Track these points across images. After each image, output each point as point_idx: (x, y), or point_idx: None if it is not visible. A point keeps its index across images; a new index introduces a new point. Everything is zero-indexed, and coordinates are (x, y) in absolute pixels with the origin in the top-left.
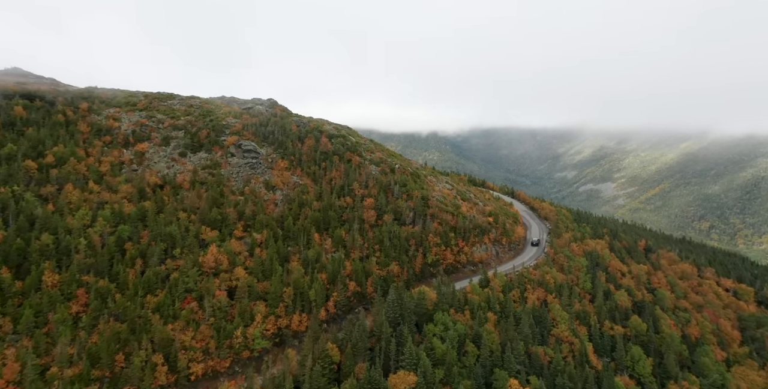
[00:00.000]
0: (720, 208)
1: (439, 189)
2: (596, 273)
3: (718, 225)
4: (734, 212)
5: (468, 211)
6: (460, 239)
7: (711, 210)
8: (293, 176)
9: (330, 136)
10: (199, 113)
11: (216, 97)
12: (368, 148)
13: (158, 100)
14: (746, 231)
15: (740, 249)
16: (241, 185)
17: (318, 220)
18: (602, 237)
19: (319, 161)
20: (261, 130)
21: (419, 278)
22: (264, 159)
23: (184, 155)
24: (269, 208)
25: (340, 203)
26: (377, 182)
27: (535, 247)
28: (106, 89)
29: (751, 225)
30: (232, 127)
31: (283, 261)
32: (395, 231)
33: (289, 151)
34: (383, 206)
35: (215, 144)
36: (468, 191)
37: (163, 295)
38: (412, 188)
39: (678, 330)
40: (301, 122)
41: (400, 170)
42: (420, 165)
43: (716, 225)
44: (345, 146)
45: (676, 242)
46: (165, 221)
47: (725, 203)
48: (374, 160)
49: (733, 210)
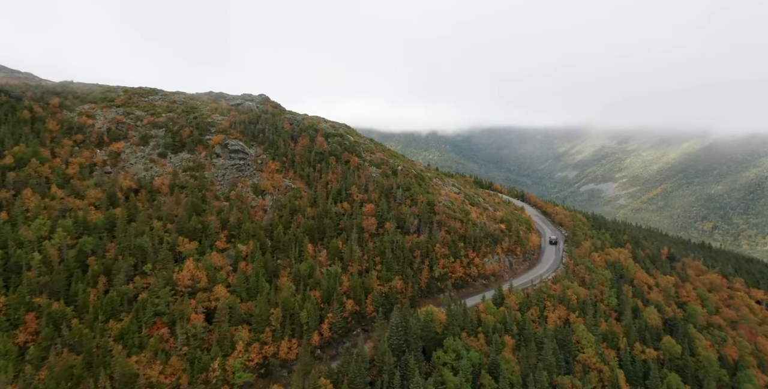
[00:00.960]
0: (723, 208)
1: (446, 193)
2: (621, 287)
3: (721, 226)
4: (737, 213)
5: (478, 217)
6: (470, 249)
7: (714, 210)
8: (285, 179)
9: (326, 135)
10: (182, 109)
11: (203, 93)
12: (368, 148)
13: (138, 95)
14: (750, 232)
15: (744, 250)
16: (227, 190)
17: (312, 229)
18: (623, 245)
19: (314, 163)
20: (250, 128)
21: (425, 294)
22: (253, 160)
23: (164, 155)
24: (257, 215)
25: (336, 210)
26: (378, 186)
27: (551, 259)
28: (83, 84)
29: (754, 226)
30: (218, 125)
31: (271, 277)
32: (398, 241)
33: (280, 151)
34: (385, 212)
35: (199, 144)
36: (476, 194)
37: (128, 320)
38: (417, 193)
39: (714, 351)
40: (294, 120)
41: (402, 172)
42: (424, 166)
43: (719, 226)
44: (342, 146)
45: (695, 247)
46: (136, 232)
47: (728, 204)
48: (374, 161)
49: (736, 210)
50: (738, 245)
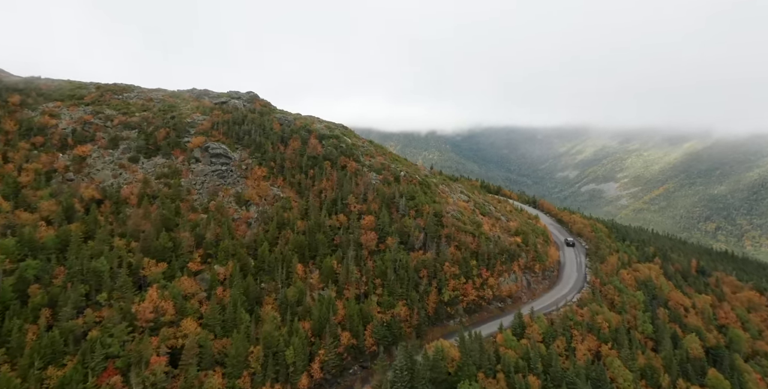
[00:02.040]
0: (726, 209)
1: (454, 202)
2: (656, 311)
3: (724, 226)
4: (741, 213)
5: (491, 230)
6: (484, 267)
7: (717, 211)
8: (273, 188)
9: (321, 136)
10: (159, 108)
11: (185, 90)
12: (367, 151)
13: (112, 92)
14: (754, 232)
15: (748, 251)
16: (205, 200)
17: (302, 246)
18: (651, 259)
19: (306, 169)
20: (234, 129)
21: (433, 321)
22: (236, 166)
23: (135, 160)
24: (239, 230)
25: (331, 223)
26: (378, 195)
27: (573, 276)
28: (52, 80)
29: (758, 226)
30: (198, 125)
31: (252, 304)
32: (402, 260)
33: (268, 155)
34: (386, 225)
35: (176, 147)
36: (486, 202)
37: (72, 366)
38: (422, 202)
39: (765, 384)
40: (285, 120)
41: (406, 178)
42: (428, 171)
43: (723, 226)
44: (338, 150)
45: (718, 256)
46: (93, 252)
47: (731, 204)
48: (374, 166)
49: (739, 211)
50: (742, 247)
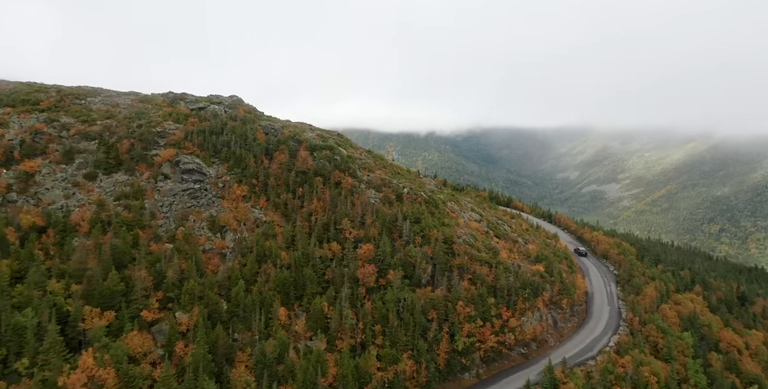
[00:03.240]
0: (730, 210)
1: (465, 222)
2: (707, 355)
3: (728, 229)
4: (745, 215)
5: (509, 257)
6: (503, 306)
7: (720, 213)
8: (254, 210)
9: (312, 147)
10: (125, 115)
11: (159, 94)
12: (365, 164)
13: (74, 97)
14: (758, 235)
15: (752, 254)
16: (172, 226)
17: (286, 283)
18: (690, 286)
19: (294, 186)
20: (211, 140)
21: (444, 375)
22: (212, 183)
23: (92, 177)
24: (210, 264)
25: (322, 253)
26: (378, 218)
27: (605, 311)
28: (8, 82)
29: (763, 229)
30: (169, 135)
31: (221, 364)
32: (407, 299)
33: (250, 171)
34: (387, 255)
35: (141, 161)
36: (500, 220)
37: None
38: (429, 226)
39: None
40: (271, 129)
41: (409, 196)
42: (435, 186)
43: (726, 229)
44: (332, 163)
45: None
46: (19, 300)
47: (735, 206)
48: (373, 182)
49: (743, 213)
50: (746, 249)
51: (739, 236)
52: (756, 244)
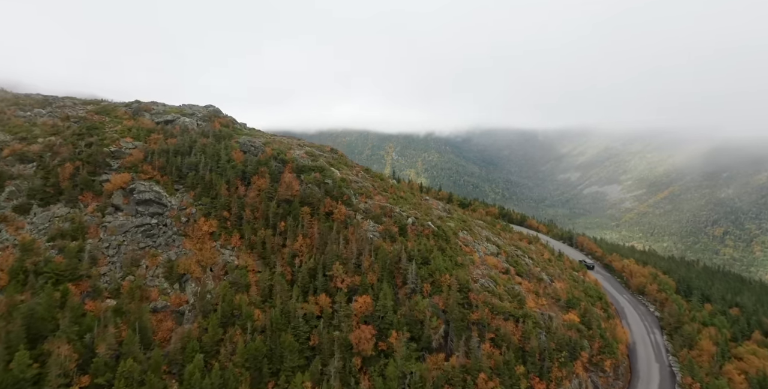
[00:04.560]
0: (734, 213)
1: (482, 257)
2: None
3: (732, 231)
4: (749, 217)
5: (537, 304)
6: (535, 375)
7: (724, 215)
8: (224, 251)
9: (299, 169)
10: (73, 130)
11: (121, 103)
12: (362, 188)
13: (17, 107)
14: (763, 237)
15: (757, 257)
16: (119, 275)
17: (258, 356)
18: (747, 331)
19: (276, 220)
20: (176, 162)
21: None
22: (173, 217)
23: (24, 210)
24: (161, 329)
25: (307, 310)
26: (378, 258)
27: (654, 370)
28: None
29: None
30: (125, 156)
31: None
32: (414, 373)
33: (221, 201)
34: (388, 310)
35: (87, 189)
36: (519, 250)
37: None
38: (440, 268)
39: None
40: (251, 146)
41: (415, 228)
42: (442, 208)
43: (731, 231)
44: (323, 188)
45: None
46: None
47: (739, 208)
48: (372, 211)
49: (748, 215)
50: (751, 252)
51: (743, 238)
52: (761, 247)
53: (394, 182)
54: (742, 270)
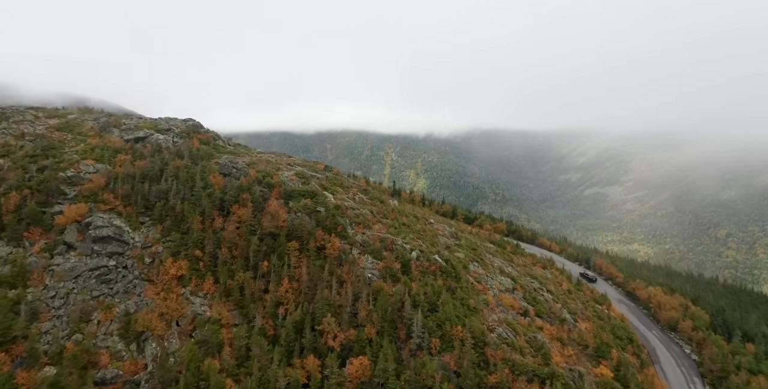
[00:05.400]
0: (737, 215)
1: (496, 296)
2: None
3: (735, 233)
4: (752, 220)
5: (564, 358)
6: None
7: (727, 217)
8: (194, 299)
9: (287, 194)
10: (27, 151)
11: (92, 118)
12: (359, 216)
13: None
14: (766, 240)
15: (760, 259)
16: (63, 333)
17: None
18: None
19: (258, 259)
20: (143, 189)
21: None
22: (136, 257)
23: None
24: None
25: (291, 377)
26: (377, 306)
27: None
28: None
29: None
30: (84, 183)
31: None
32: None
33: (193, 237)
34: (390, 376)
35: (36, 223)
36: (533, 279)
37: None
38: (450, 316)
39: None
40: (232, 168)
41: (420, 264)
42: (450, 234)
43: (733, 233)
44: (315, 217)
45: None
46: None
47: (742, 210)
48: (370, 244)
49: (751, 217)
50: (754, 255)
51: (746, 241)
52: (764, 249)
53: (395, 204)
54: (746, 273)
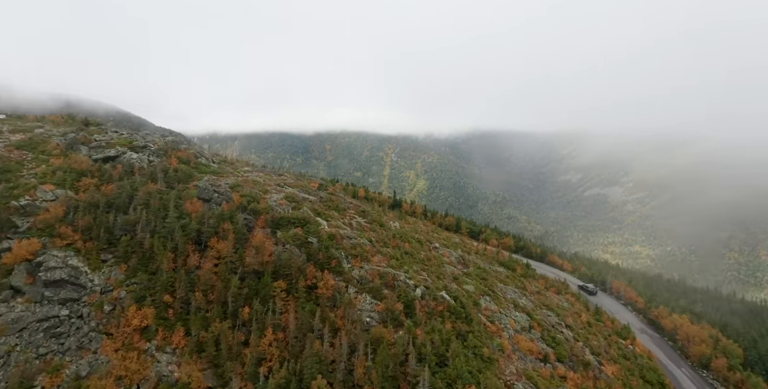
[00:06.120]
0: (739, 216)
1: (511, 338)
2: None
3: (737, 235)
4: (755, 221)
5: None
6: None
7: (729, 218)
8: (160, 356)
9: (276, 223)
10: None
11: (60, 133)
12: (356, 247)
13: None
14: None
15: (763, 261)
16: None
17: None
18: None
19: (238, 304)
20: (106, 220)
21: None
22: (94, 305)
23: None
24: None
25: None
26: (377, 361)
27: None
28: None
29: None
30: (38, 213)
31: None
32: None
33: (162, 278)
34: None
35: None
36: (549, 311)
37: None
38: (462, 373)
39: None
40: (213, 192)
41: (425, 304)
42: (458, 260)
43: (736, 235)
44: (306, 250)
45: None
46: None
47: (744, 211)
48: (368, 280)
49: (753, 219)
50: (756, 257)
51: (748, 242)
52: (767, 251)
53: (396, 227)
54: (749, 275)
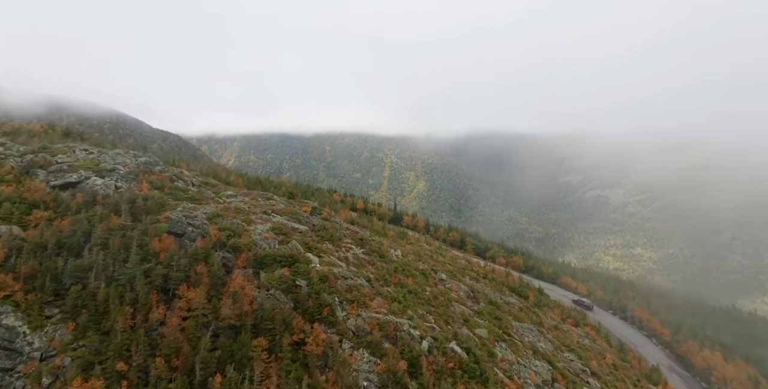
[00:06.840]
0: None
1: None
2: None
3: (739, 236)
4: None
5: None
6: None
7: (731, 220)
8: None
9: (259, 262)
10: None
11: (19, 153)
12: (353, 289)
13: None
14: None
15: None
16: None
17: None
18: None
19: (208, 371)
20: (54, 266)
21: None
22: (30, 375)
23: None
24: None
25: None
26: None
27: None
28: None
29: None
30: None
31: None
32: None
33: (117, 341)
34: None
35: None
36: (571, 354)
37: None
38: None
39: None
40: (188, 224)
41: (433, 360)
42: (467, 294)
43: (737, 236)
44: (293, 297)
45: None
46: None
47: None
48: (365, 331)
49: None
50: (759, 259)
51: (751, 244)
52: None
53: (398, 256)
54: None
